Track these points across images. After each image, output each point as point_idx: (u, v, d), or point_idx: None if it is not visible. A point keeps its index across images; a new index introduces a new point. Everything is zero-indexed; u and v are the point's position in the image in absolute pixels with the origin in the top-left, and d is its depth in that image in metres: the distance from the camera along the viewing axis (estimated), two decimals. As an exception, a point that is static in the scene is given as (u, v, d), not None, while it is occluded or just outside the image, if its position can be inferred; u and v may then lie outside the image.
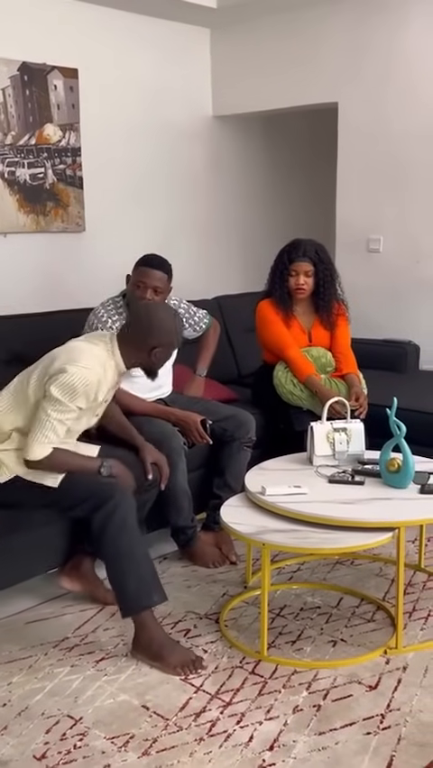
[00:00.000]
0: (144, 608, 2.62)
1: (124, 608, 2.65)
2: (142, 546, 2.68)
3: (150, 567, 2.67)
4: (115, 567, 2.65)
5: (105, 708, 2.43)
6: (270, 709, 2.42)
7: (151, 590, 2.64)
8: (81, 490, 2.72)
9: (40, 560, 2.99)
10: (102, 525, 2.64)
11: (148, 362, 2.88)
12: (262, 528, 2.71)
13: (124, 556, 2.63)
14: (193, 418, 3.37)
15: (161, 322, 2.84)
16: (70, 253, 4.61)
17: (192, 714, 2.40)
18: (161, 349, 2.84)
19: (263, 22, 4.94)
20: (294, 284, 3.79)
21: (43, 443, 2.67)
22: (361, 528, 2.67)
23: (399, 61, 4.55)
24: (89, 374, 2.68)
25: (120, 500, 2.66)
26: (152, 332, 2.81)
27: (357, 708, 2.42)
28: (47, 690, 2.52)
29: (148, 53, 4.88)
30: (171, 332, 2.86)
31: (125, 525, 2.64)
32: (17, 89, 4.25)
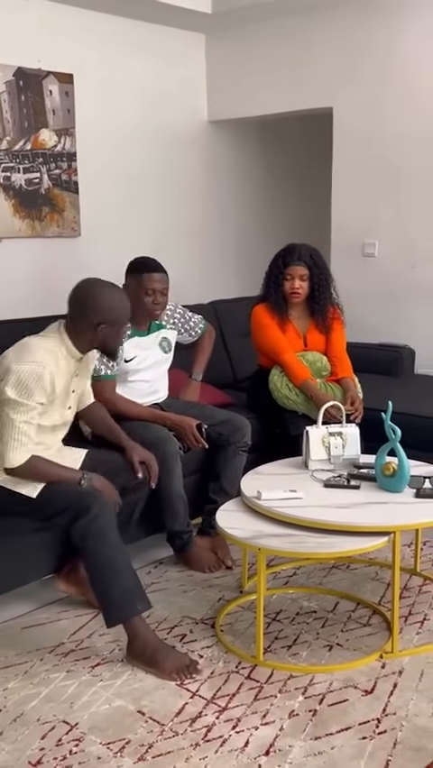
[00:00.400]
0: (128, 617, 2.61)
1: (109, 618, 2.64)
2: (124, 555, 2.66)
3: (132, 575, 2.66)
4: (97, 577, 2.64)
5: (101, 713, 2.43)
6: (265, 714, 2.42)
7: (134, 599, 2.62)
8: (60, 500, 2.71)
9: (34, 565, 2.99)
10: (82, 536, 2.62)
11: (98, 341, 2.84)
12: (258, 533, 2.71)
13: (106, 566, 2.61)
14: (188, 422, 3.38)
15: (99, 297, 2.80)
16: (66, 258, 4.60)
17: (188, 719, 2.40)
18: (106, 326, 2.79)
19: (258, 27, 4.95)
20: (289, 288, 3.80)
21: (17, 449, 2.68)
22: (357, 532, 2.67)
23: (393, 66, 4.56)
24: (37, 368, 2.67)
25: (98, 511, 2.64)
26: (92, 309, 2.78)
27: (353, 713, 2.42)
28: (42, 696, 2.52)
29: (143, 58, 4.88)
30: (114, 307, 2.81)
31: (105, 535, 2.62)
32: (12, 94, 4.25)
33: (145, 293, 3.39)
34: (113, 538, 2.64)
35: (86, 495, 2.71)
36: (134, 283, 3.40)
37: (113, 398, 3.37)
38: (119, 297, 2.86)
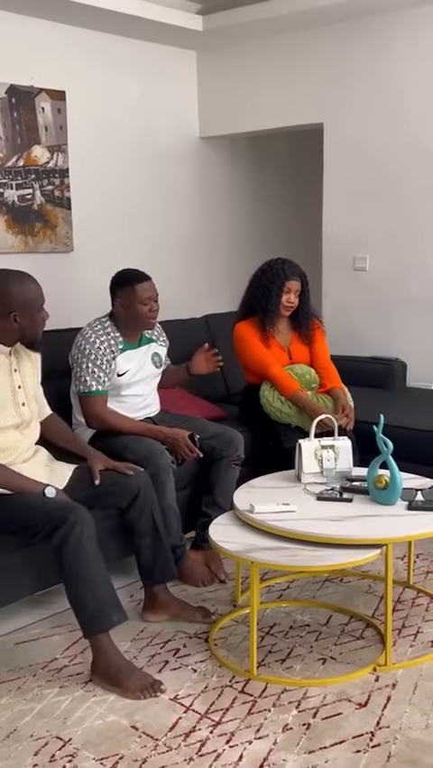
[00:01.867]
0: (104, 629, 2.61)
1: (86, 629, 2.63)
2: (100, 566, 2.64)
3: (108, 587, 2.65)
4: (72, 587, 2.63)
5: (95, 729, 2.42)
6: (259, 728, 2.41)
7: (110, 611, 2.62)
8: (35, 513, 2.69)
9: (26, 581, 2.98)
10: (59, 546, 2.61)
11: (17, 331, 2.81)
12: (251, 546, 2.71)
13: (81, 576, 2.60)
14: (181, 434, 3.38)
15: (4, 286, 2.76)
16: (59, 273, 4.61)
17: (182, 734, 2.39)
18: (19, 313, 2.77)
19: (249, 44, 5.00)
20: (286, 301, 3.82)
21: None
22: (349, 545, 2.67)
23: (383, 82, 4.60)
24: None
25: (75, 520, 2.62)
26: (2, 299, 2.75)
27: (347, 726, 2.42)
28: (36, 712, 2.51)
29: (135, 75, 4.92)
30: (22, 291, 2.78)
31: (81, 545, 2.60)
32: (5, 111, 4.28)
33: (142, 303, 3.40)
34: (89, 549, 2.62)
35: (60, 506, 2.71)
36: (128, 296, 3.41)
37: (103, 413, 3.38)
38: (26, 282, 2.82)
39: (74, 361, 3.41)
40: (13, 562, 2.89)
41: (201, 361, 3.73)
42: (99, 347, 3.36)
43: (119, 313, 3.45)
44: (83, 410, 3.39)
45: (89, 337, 3.39)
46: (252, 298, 3.92)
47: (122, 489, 2.99)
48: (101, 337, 3.39)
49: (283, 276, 3.81)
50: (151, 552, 3.03)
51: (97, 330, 3.42)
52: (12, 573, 2.91)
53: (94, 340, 3.37)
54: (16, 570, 2.92)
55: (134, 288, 3.40)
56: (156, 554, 3.04)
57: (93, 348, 3.35)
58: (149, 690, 2.56)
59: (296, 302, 3.84)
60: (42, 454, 3.00)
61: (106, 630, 2.62)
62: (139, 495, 2.99)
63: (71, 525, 2.61)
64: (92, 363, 3.34)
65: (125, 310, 3.42)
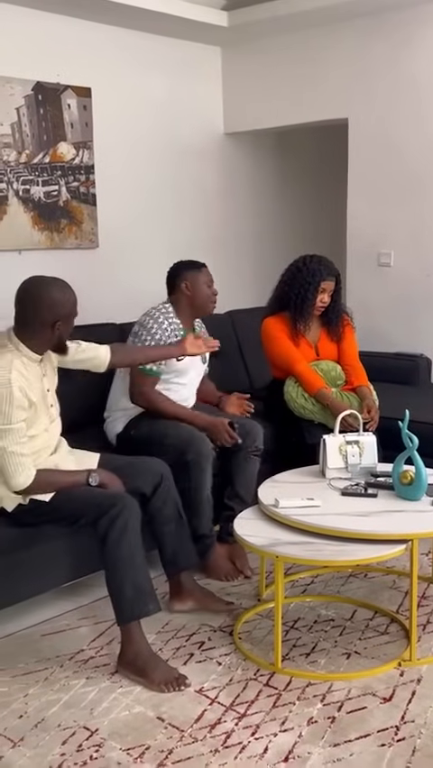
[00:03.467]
0: (139, 616, 2.64)
1: (121, 616, 2.67)
2: (141, 555, 2.69)
3: (147, 576, 2.69)
4: (112, 573, 2.67)
5: (121, 719, 2.45)
6: (284, 721, 2.43)
7: (146, 599, 2.66)
8: (83, 502, 2.74)
9: (55, 573, 3.03)
10: (105, 531, 2.65)
11: (55, 339, 2.81)
12: (276, 541, 2.72)
13: (123, 563, 2.64)
14: (221, 420, 3.44)
15: (50, 296, 2.75)
16: (84, 269, 4.63)
17: (207, 726, 2.41)
18: (62, 322, 2.78)
19: (274, 40, 5.00)
20: (319, 301, 3.81)
21: (20, 473, 2.69)
22: (374, 540, 2.68)
23: (406, 77, 4.58)
24: (4, 390, 2.64)
25: (123, 507, 2.68)
26: (47, 308, 2.73)
27: (372, 720, 2.43)
28: (63, 702, 2.54)
29: (160, 72, 4.94)
30: (65, 301, 2.79)
31: (126, 531, 2.65)
32: (31, 108, 4.31)
33: (207, 285, 3.55)
34: (134, 536, 2.67)
35: (106, 494, 2.76)
36: (195, 278, 3.53)
37: (151, 393, 3.42)
38: (68, 291, 2.84)
39: (135, 336, 3.46)
40: (47, 553, 2.95)
41: (233, 402, 3.78)
42: (166, 328, 3.43)
43: (183, 296, 3.52)
44: (133, 386, 3.44)
45: (158, 317, 3.45)
46: (284, 295, 3.88)
47: (145, 476, 3.02)
48: (168, 319, 3.47)
49: (319, 276, 3.77)
50: (174, 538, 3.06)
51: (165, 312, 3.49)
52: (45, 564, 2.98)
53: (162, 321, 3.44)
54: (49, 561, 2.99)
55: (200, 271, 3.55)
56: (180, 541, 3.06)
57: (160, 328, 3.42)
58: (173, 683, 2.59)
59: (329, 301, 3.83)
60: (64, 444, 3.03)
61: (141, 618, 2.65)
62: (162, 482, 3.01)
63: (118, 511, 2.66)
64: (156, 342, 3.40)
65: (191, 291, 3.51)
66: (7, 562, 2.83)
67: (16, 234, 4.34)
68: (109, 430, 3.53)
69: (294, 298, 3.81)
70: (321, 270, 3.79)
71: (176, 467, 3.17)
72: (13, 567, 2.85)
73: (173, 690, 2.58)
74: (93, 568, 3.04)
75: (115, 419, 3.51)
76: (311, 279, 3.78)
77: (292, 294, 3.82)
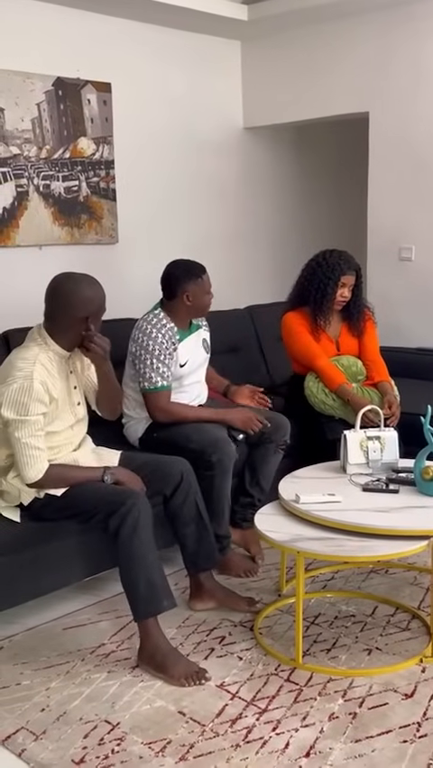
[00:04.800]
0: (154, 613, 2.65)
1: (136, 612, 2.67)
2: (154, 552, 2.69)
3: (160, 573, 2.70)
4: (126, 571, 2.67)
5: (142, 713, 2.46)
6: (306, 717, 2.43)
7: (161, 596, 2.66)
8: (94, 499, 2.74)
9: (75, 568, 3.03)
10: (116, 529, 2.65)
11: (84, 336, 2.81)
12: (297, 536, 2.72)
13: (136, 560, 2.64)
14: (246, 410, 3.47)
15: (81, 292, 2.76)
16: (104, 265, 4.62)
17: (228, 720, 2.42)
18: (93, 318, 2.78)
19: (294, 33, 4.97)
20: (340, 296, 3.79)
21: (32, 465, 2.70)
22: (396, 536, 2.66)
23: (427, 70, 4.54)
24: (24, 382, 2.66)
25: (132, 505, 2.67)
26: (78, 304, 2.74)
27: (393, 716, 2.42)
28: (84, 696, 2.55)
29: (179, 66, 4.93)
30: (95, 297, 2.79)
31: (137, 528, 2.64)
32: (52, 104, 4.32)
33: (207, 293, 3.47)
34: (145, 534, 2.66)
35: (118, 491, 2.75)
36: (196, 287, 3.42)
37: (168, 408, 3.38)
38: (97, 287, 2.84)
39: (135, 357, 3.40)
40: (68, 547, 2.95)
41: (245, 394, 3.75)
42: (162, 341, 3.35)
43: (183, 305, 3.43)
44: (149, 406, 3.39)
45: (150, 332, 3.37)
46: (304, 290, 3.87)
47: (164, 477, 3.01)
48: (161, 330, 3.38)
49: (339, 270, 3.75)
50: (195, 539, 3.06)
51: (155, 324, 3.40)
52: (66, 559, 2.98)
53: (156, 335, 3.36)
54: (70, 555, 2.98)
55: (201, 278, 3.44)
56: (200, 541, 3.06)
57: (155, 343, 3.34)
58: (194, 677, 2.59)
59: (349, 296, 3.82)
60: (89, 441, 3.04)
61: (156, 614, 2.66)
62: (182, 482, 3.01)
63: (129, 508, 2.66)
64: (155, 359, 3.33)
65: (192, 302, 3.42)
66: (28, 557, 2.84)
67: (37, 230, 4.34)
68: (130, 434, 3.51)
69: (314, 293, 3.79)
70: (341, 265, 3.77)
71: (199, 467, 3.17)
72: (34, 561, 2.86)
73: (194, 685, 2.58)
74: (113, 563, 3.02)
75: (134, 424, 3.50)
76: (331, 274, 3.76)
77: (312, 289, 3.80)
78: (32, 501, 2.81)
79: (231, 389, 3.79)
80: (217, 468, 3.21)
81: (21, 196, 4.23)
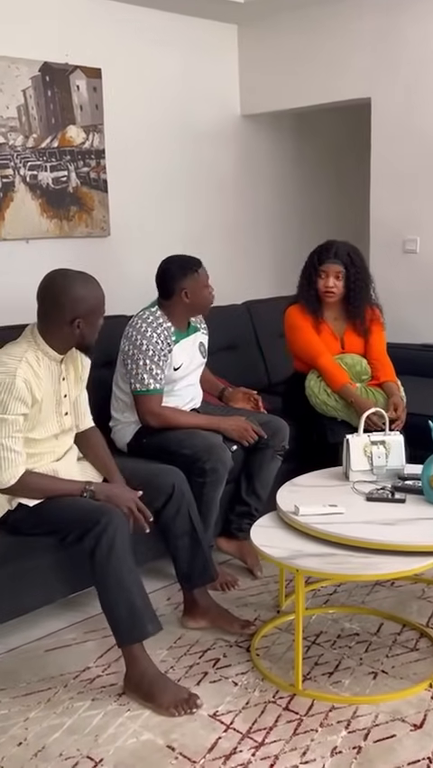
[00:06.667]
0: (138, 639, 2.45)
1: (118, 639, 2.48)
2: (133, 573, 2.48)
3: (141, 594, 2.49)
4: (104, 594, 2.47)
5: (128, 748, 2.26)
6: (306, 751, 2.23)
7: (144, 620, 2.46)
8: (68, 515, 2.54)
9: (60, 584, 2.83)
10: (92, 549, 2.45)
11: (75, 338, 2.63)
12: (296, 552, 2.52)
13: (113, 583, 2.44)
14: (242, 419, 3.28)
15: (72, 290, 2.58)
16: (95, 259, 4.42)
17: (221, 756, 2.22)
18: (83, 320, 2.59)
19: (292, 16, 4.76)
20: (323, 286, 3.61)
21: (6, 468, 2.51)
22: (402, 552, 2.46)
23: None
24: (6, 378, 2.49)
25: (107, 523, 2.46)
26: (67, 304, 2.57)
27: (401, 751, 2.22)
28: (66, 728, 2.36)
29: (173, 51, 4.72)
30: (88, 297, 2.60)
31: (113, 549, 2.44)
32: (38, 90, 4.11)
33: (205, 286, 3.29)
34: (122, 555, 2.45)
35: (94, 509, 2.54)
36: (193, 282, 3.24)
37: (160, 412, 3.20)
38: (94, 287, 2.65)
39: (128, 356, 3.20)
40: (46, 563, 2.75)
41: (240, 397, 3.59)
42: (157, 341, 3.16)
43: (181, 303, 3.25)
44: (139, 409, 3.21)
45: (145, 331, 3.18)
46: (299, 282, 3.75)
47: (155, 488, 2.82)
48: (157, 330, 3.19)
49: (317, 260, 3.63)
50: (188, 553, 2.86)
51: (151, 322, 3.21)
52: (44, 575, 2.77)
53: (151, 334, 3.17)
54: (49, 571, 2.78)
55: (198, 273, 3.26)
56: (194, 556, 2.86)
57: (150, 343, 3.15)
58: (184, 706, 2.39)
59: (338, 286, 3.62)
60: (74, 452, 2.83)
61: (140, 640, 2.46)
62: (174, 493, 2.82)
63: (104, 527, 2.45)
64: (149, 360, 3.15)
65: (190, 298, 3.24)
66: (6, 573, 2.64)
67: (23, 223, 4.14)
68: (118, 439, 3.32)
69: (305, 283, 3.68)
70: (322, 253, 3.63)
71: (191, 474, 2.99)
72: (12, 578, 2.66)
73: (184, 714, 2.38)
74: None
75: (122, 428, 3.31)
76: (309, 265, 3.67)
77: (304, 279, 3.69)
78: (6, 514, 2.61)
79: (226, 393, 3.61)
80: (210, 476, 3.02)
81: (6, 187, 4.03)
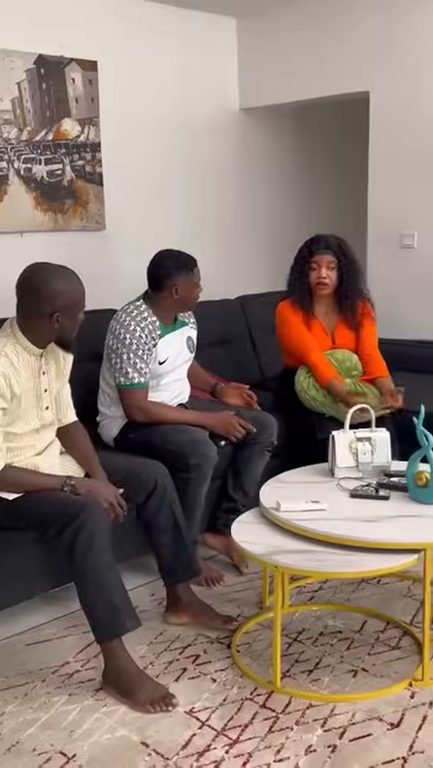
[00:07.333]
0: (116, 635, 2.43)
1: (96, 634, 2.46)
2: (112, 568, 2.46)
3: (120, 591, 2.47)
4: (82, 589, 2.45)
5: (102, 744, 2.24)
6: (280, 749, 2.21)
7: (122, 616, 2.44)
8: (47, 509, 2.52)
9: (41, 578, 2.83)
10: (70, 544, 2.43)
11: (56, 333, 2.60)
12: (277, 549, 2.49)
13: (92, 579, 2.42)
14: (229, 415, 3.26)
15: (51, 284, 2.55)
16: (90, 252, 4.42)
17: (195, 753, 2.20)
18: (62, 314, 2.55)
19: (292, 8, 4.72)
20: (316, 278, 3.58)
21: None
22: (384, 549, 2.44)
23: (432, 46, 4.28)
24: None
25: (86, 518, 2.43)
26: (46, 298, 2.54)
27: (376, 750, 2.20)
28: (41, 722, 2.34)
29: (171, 44, 4.69)
30: (69, 290, 2.58)
31: (93, 544, 2.41)
32: (33, 83, 4.09)
33: (196, 286, 3.28)
34: (101, 550, 2.43)
35: (73, 503, 2.51)
36: (185, 280, 3.22)
37: (145, 407, 3.18)
38: (74, 281, 2.63)
39: (112, 350, 3.18)
40: (27, 557, 2.74)
41: (232, 393, 3.58)
42: (141, 335, 3.14)
43: (170, 298, 3.23)
44: (124, 403, 3.19)
45: (128, 325, 3.16)
46: (290, 277, 3.72)
47: (137, 483, 2.80)
48: (141, 324, 3.17)
49: (308, 252, 3.60)
50: (171, 549, 2.84)
51: (135, 316, 3.19)
52: (25, 569, 2.77)
53: (134, 328, 3.15)
54: (30, 566, 2.78)
55: (193, 272, 3.24)
56: (177, 551, 2.85)
57: (134, 337, 3.14)
58: (160, 703, 2.38)
59: (330, 276, 3.58)
60: (56, 446, 2.81)
61: (118, 636, 2.44)
62: (156, 488, 2.80)
63: (82, 522, 2.43)
64: (133, 354, 3.13)
65: (180, 295, 3.22)
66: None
67: (17, 216, 4.12)
68: (105, 434, 3.30)
69: (296, 277, 3.65)
70: (311, 246, 3.61)
71: (176, 469, 2.97)
72: (-6, 572, 2.66)
73: (160, 711, 2.37)
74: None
75: (108, 423, 3.29)
76: (300, 258, 3.64)
77: (296, 273, 3.66)
78: None
79: (218, 388, 3.58)
80: (195, 471, 3.00)
81: (0, 180, 4.02)
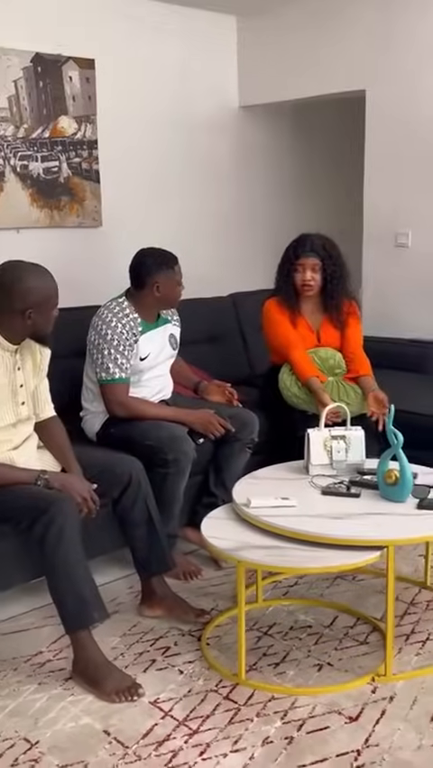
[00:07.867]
0: (84, 626, 2.49)
1: (65, 625, 2.52)
2: (81, 562, 2.51)
3: (89, 584, 2.52)
4: (53, 581, 2.51)
5: (65, 731, 2.30)
6: (237, 740, 2.26)
7: (90, 609, 2.49)
8: (19, 503, 2.57)
9: (19, 568, 2.88)
10: (40, 538, 2.48)
11: (29, 329, 2.66)
12: (243, 544, 2.54)
13: (61, 571, 2.48)
14: (209, 413, 3.29)
15: (24, 281, 2.60)
16: (86, 249, 4.48)
17: (154, 742, 2.26)
18: (35, 311, 2.61)
19: (291, 7, 4.73)
20: (301, 280, 3.61)
21: None
22: (348, 546, 2.48)
23: (429, 46, 4.28)
24: None
25: (56, 513, 2.49)
26: (18, 294, 2.59)
27: (332, 742, 2.24)
28: (9, 710, 2.41)
29: (170, 42, 4.71)
30: (41, 287, 2.63)
31: (63, 538, 2.47)
32: (30, 81, 4.14)
33: (178, 283, 3.33)
34: (70, 543, 2.48)
35: (44, 497, 2.56)
36: (166, 278, 3.28)
37: (126, 402, 3.23)
38: (46, 278, 2.68)
39: (93, 346, 3.24)
40: (4, 549, 2.78)
41: (214, 390, 3.62)
42: (121, 331, 3.20)
43: (151, 296, 3.29)
44: (105, 398, 3.25)
45: (110, 321, 3.22)
46: (276, 276, 3.76)
47: (112, 477, 2.85)
48: (122, 320, 3.23)
49: (294, 254, 3.62)
50: (145, 543, 2.90)
51: (117, 313, 3.25)
52: (2, 561, 2.81)
53: (115, 324, 3.21)
54: (7, 558, 2.82)
55: (173, 269, 3.30)
56: (151, 545, 2.90)
57: (114, 333, 3.19)
58: (125, 693, 2.43)
59: (315, 279, 3.61)
60: (33, 440, 2.87)
61: (86, 627, 2.50)
62: (131, 483, 2.85)
63: (52, 516, 2.49)
64: (114, 349, 3.18)
65: (161, 293, 3.28)
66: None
67: (14, 212, 4.18)
68: (87, 428, 3.36)
69: (282, 278, 3.68)
70: (297, 247, 3.63)
71: (154, 464, 3.02)
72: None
73: (125, 700, 2.42)
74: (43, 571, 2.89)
75: (91, 418, 3.35)
76: (285, 259, 3.67)
77: (280, 275, 3.69)
78: None
79: (201, 386, 3.63)
80: (173, 467, 3.05)
81: (-4, 176, 4.09)
